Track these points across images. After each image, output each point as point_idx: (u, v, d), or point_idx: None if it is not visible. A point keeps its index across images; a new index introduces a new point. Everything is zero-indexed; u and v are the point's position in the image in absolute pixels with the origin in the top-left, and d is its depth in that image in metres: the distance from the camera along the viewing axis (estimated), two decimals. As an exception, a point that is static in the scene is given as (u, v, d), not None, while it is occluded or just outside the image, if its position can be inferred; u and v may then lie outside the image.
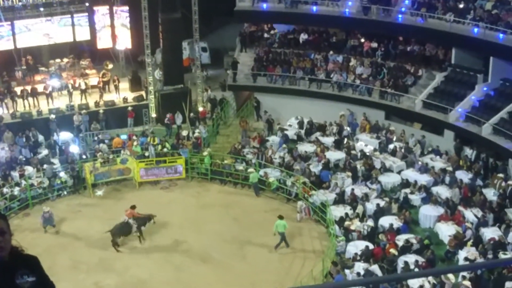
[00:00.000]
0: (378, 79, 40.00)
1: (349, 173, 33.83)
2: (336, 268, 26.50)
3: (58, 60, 44.65)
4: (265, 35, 45.41)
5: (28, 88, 41.21)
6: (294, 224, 31.71)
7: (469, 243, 27.74)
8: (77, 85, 42.39)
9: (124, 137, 38.62)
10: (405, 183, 33.50)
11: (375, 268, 26.29)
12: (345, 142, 37.54)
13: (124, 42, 45.30)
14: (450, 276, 25.17)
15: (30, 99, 40.69)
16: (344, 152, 36.38)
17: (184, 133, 39.22)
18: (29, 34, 42.33)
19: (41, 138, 38.73)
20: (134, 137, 38.11)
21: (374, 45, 41.93)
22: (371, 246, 28.11)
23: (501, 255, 26.66)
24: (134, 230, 30.10)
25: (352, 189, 32.32)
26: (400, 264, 26.68)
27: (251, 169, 34.79)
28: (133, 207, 30.61)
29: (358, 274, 25.81)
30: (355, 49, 42.67)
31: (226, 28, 49.64)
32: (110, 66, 44.66)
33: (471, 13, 37.30)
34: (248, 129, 40.28)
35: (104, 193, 35.00)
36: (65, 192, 34.72)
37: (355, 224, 29.76)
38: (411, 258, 26.86)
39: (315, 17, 42.09)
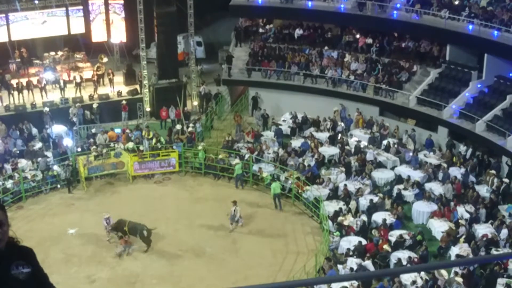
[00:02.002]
0: (373, 75, 40.04)
1: (343, 169, 33.88)
2: (329, 263, 26.55)
3: (52, 53, 44.57)
4: (260, 30, 45.37)
5: (23, 81, 41.13)
6: (286, 219, 31.77)
7: (462, 239, 27.81)
8: (71, 78, 42.33)
9: (118, 130, 38.57)
10: (399, 179, 33.58)
11: (368, 263, 26.33)
12: (339, 137, 37.54)
13: (119, 35, 45.22)
14: (443, 272, 25.25)
15: (24, 91, 40.61)
16: (338, 147, 36.41)
17: (178, 127, 39.16)
18: (23, 26, 42.21)
19: (35, 131, 38.63)
20: (128, 131, 38.10)
21: (369, 41, 41.94)
22: (364, 242, 28.16)
23: (494, 252, 26.78)
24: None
25: (345, 185, 32.36)
26: (393, 260, 26.75)
27: (236, 160, 34.84)
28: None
29: (351, 269, 25.87)
30: (350, 45, 42.68)
31: (221, 22, 49.64)
32: (105, 59, 44.60)
33: (466, 10, 37.35)
34: (242, 123, 40.29)
35: (96, 190, 34.97)
36: (58, 186, 34.68)
37: (348, 220, 29.81)
38: (404, 254, 26.92)
39: (310, 12, 42.12)
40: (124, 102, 40.96)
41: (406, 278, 25.17)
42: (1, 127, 37.70)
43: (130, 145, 36.23)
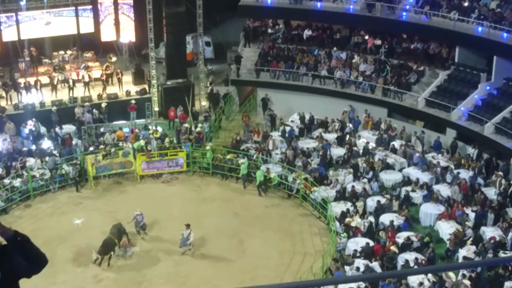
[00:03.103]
0: (381, 77, 39.98)
1: (351, 170, 33.83)
2: (336, 264, 26.52)
3: (61, 52, 44.67)
4: (269, 30, 45.38)
5: (32, 79, 41.28)
6: (293, 220, 31.76)
7: (469, 241, 27.75)
8: (80, 77, 42.42)
9: (126, 130, 38.62)
10: (407, 181, 33.50)
11: (375, 265, 26.29)
12: (347, 138, 37.49)
13: (128, 35, 45.29)
14: (451, 274, 25.20)
15: (33, 90, 40.73)
16: (346, 149, 36.35)
17: (186, 125, 39.12)
18: (33, 25, 42.33)
19: (43, 129, 38.72)
20: (137, 130, 38.16)
21: (378, 42, 41.88)
22: (371, 243, 28.11)
23: (501, 255, 26.68)
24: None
25: (353, 186, 32.33)
26: (400, 261, 26.69)
27: (242, 160, 34.89)
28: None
29: (358, 269, 25.73)
30: (358, 46, 42.64)
31: (230, 22, 49.65)
32: (114, 59, 44.67)
33: (476, 12, 37.30)
34: (250, 124, 40.24)
35: (104, 189, 35.03)
36: (69, 181, 34.65)
37: (356, 221, 29.77)
38: (411, 256, 26.87)
39: (319, 13, 42.10)
40: (132, 102, 40.99)
41: (413, 280, 25.14)
42: (10, 126, 37.81)
43: (142, 142, 36.08)
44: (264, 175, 33.89)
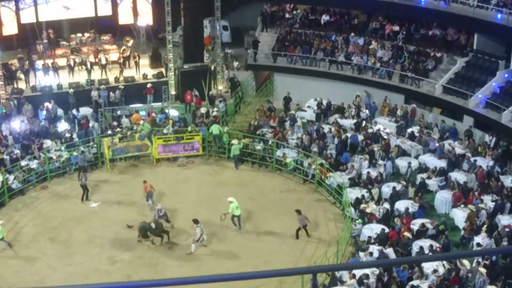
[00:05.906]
0: (399, 63, 39.82)
1: (367, 156, 33.76)
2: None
3: (79, 35, 44.79)
4: (287, 15, 45.26)
5: (49, 62, 41.41)
6: (309, 205, 31.78)
7: (484, 228, 27.63)
8: (97, 60, 42.52)
9: (143, 113, 38.71)
10: (423, 168, 33.38)
11: (389, 251, 26.24)
12: (363, 124, 37.40)
13: (146, 18, 45.32)
14: (465, 262, 25.15)
15: (51, 73, 40.88)
16: (363, 135, 36.25)
17: (203, 110, 39.11)
18: (50, 7, 42.43)
19: (60, 112, 38.88)
20: (154, 114, 38.21)
21: (396, 28, 41.70)
22: (386, 230, 28.07)
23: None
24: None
25: (368, 172, 32.28)
26: (415, 248, 26.67)
27: (234, 141, 35.05)
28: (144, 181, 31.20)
29: (371, 254, 25.66)
30: (376, 31, 42.48)
31: (248, 7, 49.51)
32: (131, 42, 44.71)
33: (495, -1, 37.05)
34: (264, 118, 39.72)
35: (120, 172, 35.17)
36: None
37: (371, 207, 29.74)
38: (426, 243, 26.82)
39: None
40: (149, 85, 41.06)
41: (428, 266, 25.11)
42: (28, 108, 38.01)
43: (145, 127, 36.17)
44: (239, 149, 34.81)
